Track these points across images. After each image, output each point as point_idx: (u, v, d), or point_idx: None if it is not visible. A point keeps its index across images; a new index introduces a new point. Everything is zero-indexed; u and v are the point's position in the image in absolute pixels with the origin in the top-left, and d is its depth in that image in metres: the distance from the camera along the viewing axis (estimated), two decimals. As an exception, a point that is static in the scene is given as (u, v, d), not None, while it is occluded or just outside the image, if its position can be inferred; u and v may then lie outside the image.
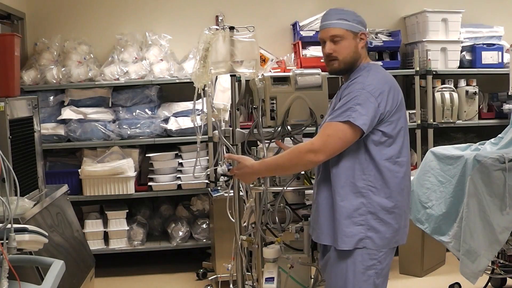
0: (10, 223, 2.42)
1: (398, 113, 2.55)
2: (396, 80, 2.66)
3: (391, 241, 2.57)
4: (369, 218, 2.52)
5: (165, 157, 5.05)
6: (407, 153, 2.61)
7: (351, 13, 2.66)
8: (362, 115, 2.44)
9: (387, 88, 2.52)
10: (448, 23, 5.27)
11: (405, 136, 2.61)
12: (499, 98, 5.46)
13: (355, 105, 2.46)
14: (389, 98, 2.51)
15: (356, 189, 2.52)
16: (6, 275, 2.42)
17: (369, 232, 2.52)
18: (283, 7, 5.50)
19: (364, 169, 2.52)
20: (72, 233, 3.90)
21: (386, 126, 2.52)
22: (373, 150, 2.52)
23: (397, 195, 2.56)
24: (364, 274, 2.53)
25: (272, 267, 2.94)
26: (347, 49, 2.62)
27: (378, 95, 2.48)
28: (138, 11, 5.40)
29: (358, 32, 2.63)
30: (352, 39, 2.63)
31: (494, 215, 3.67)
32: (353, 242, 2.52)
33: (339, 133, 2.47)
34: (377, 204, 2.52)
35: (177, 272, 5.05)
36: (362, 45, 2.65)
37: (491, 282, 4.29)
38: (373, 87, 2.49)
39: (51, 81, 4.92)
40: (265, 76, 3.15)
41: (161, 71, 5.01)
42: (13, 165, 3.05)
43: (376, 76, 2.56)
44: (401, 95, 2.60)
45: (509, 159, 3.65)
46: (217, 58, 3.07)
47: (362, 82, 2.52)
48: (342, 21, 2.63)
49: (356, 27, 2.63)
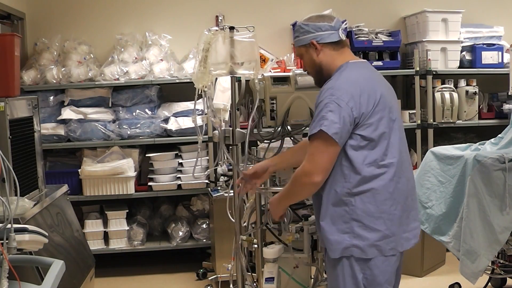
0: (10, 223, 2.42)
1: (378, 114, 2.43)
2: (396, 80, 2.64)
3: (384, 248, 2.44)
4: (354, 225, 2.42)
5: (165, 157, 5.05)
6: (396, 153, 2.47)
7: (300, 26, 2.62)
8: (334, 123, 2.36)
9: (357, 90, 2.41)
10: (448, 23, 5.27)
11: (392, 136, 2.47)
12: (499, 98, 5.46)
13: (327, 112, 2.38)
14: (362, 100, 2.40)
15: (338, 196, 2.44)
16: (6, 275, 2.42)
17: (355, 240, 2.42)
18: (283, 7, 5.50)
19: (345, 176, 2.43)
20: (72, 233, 3.90)
21: (364, 130, 2.42)
22: (353, 155, 2.42)
23: (384, 199, 2.44)
24: (353, 282, 2.45)
25: (272, 267, 2.94)
26: (307, 63, 2.64)
27: (349, 99, 2.39)
28: (138, 11, 5.40)
29: (308, 43, 2.58)
30: (307, 53, 2.60)
31: (494, 215, 3.67)
32: (339, 251, 2.44)
33: (320, 147, 2.40)
34: (360, 210, 2.42)
35: (177, 272, 5.05)
36: (319, 52, 2.57)
37: (491, 282, 4.29)
38: (341, 92, 2.40)
39: (51, 81, 4.92)
40: (265, 76, 3.15)
41: (161, 71, 5.01)
42: (13, 165, 3.05)
43: (347, 78, 2.47)
44: (380, 94, 2.47)
45: (509, 159, 3.65)
46: (217, 60, 3.07)
47: (331, 87, 2.43)
48: (295, 39, 2.63)
49: (304, 39, 2.58)
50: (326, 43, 2.57)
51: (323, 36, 2.57)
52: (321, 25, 2.58)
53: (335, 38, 2.58)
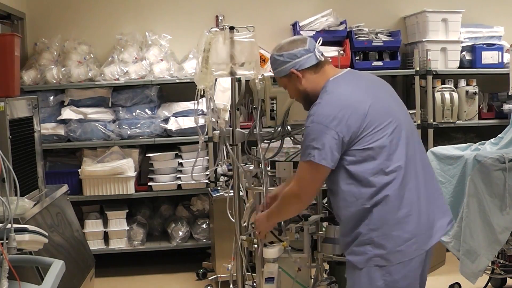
0: (10, 223, 2.42)
1: (371, 126, 2.36)
2: (396, 80, 2.62)
3: (407, 251, 2.38)
4: (373, 236, 2.38)
5: (165, 157, 5.05)
6: (402, 155, 2.40)
7: (274, 58, 2.57)
8: (321, 151, 2.33)
9: (339, 111, 2.35)
10: (448, 23, 5.27)
11: (394, 139, 2.40)
12: (499, 98, 5.46)
13: (311, 141, 2.36)
14: (349, 119, 2.34)
15: (356, 215, 2.41)
16: (6, 275, 2.42)
17: (377, 250, 2.38)
18: (283, 7, 5.50)
19: (355, 194, 2.39)
20: (72, 233, 3.90)
21: (360, 144, 2.36)
22: (357, 171, 2.37)
23: (399, 204, 2.38)
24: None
25: (272, 267, 2.94)
26: (293, 92, 2.62)
27: (331, 122, 2.34)
28: (138, 11, 5.40)
29: (288, 73, 2.54)
30: (290, 82, 2.58)
31: (494, 215, 3.67)
32: (363, 262, 2.41)
33: (308, 174, 2.40)
34: (377, 221, 2.37)
35: (177, 272, 5.05)
36: (301, 79, 2.52)
37: (491, 282, 4.29)
38: (323, 117, 2.36)
39: (51, 81, 4.92)
40: (265, 76, 3.15)
41: (161, 71, 5.01)
42: (13, 165, 3.05)
43: (328, 100, 2.41)
44: (370, 103, 2.39)
45: (509, 159, 3.65)
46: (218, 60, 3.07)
47: (314, 113, 2.39)
48: (274, 71, 2.60)
49: (283, 70, 2.55)
50: (306, 69, 2.53)
51: (301, 63, 2.52)
52: (295, 52, 2.52)
53: (313, 61, 2.53)
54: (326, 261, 3.16)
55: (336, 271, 3.20)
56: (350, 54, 5.19)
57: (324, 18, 5.22)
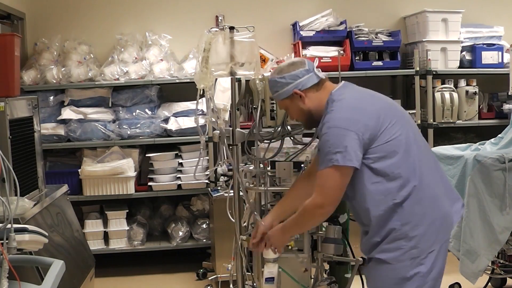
0: (10, 223, 2.42)
1: (387, 122, 2.43)
2: (396, 80, 2.64)
3: (436, 240, 2.44)
4: (407, 229, 2.40)
5: (165, 157, 5.05)
6: (416, 146, 2.47)
7: (275, 81, 2.58)
8: (344, 153, 2.35)
9: (354, 113, 2.42)
10: (448, 23, 5.27)
11: (408, 132, 2.47)
12: (499, 98, 5.46)
13: (331, 146, 2.37)
14: (365, 118, 2.40)
15: (383, 211, 2.42)
16: (6, 275, 2.42)
17: (411, 242, 2.41)
18: (283, 7, 5.51)
19: (383, 192, 2.40)
20: (72, 233, 3.90)
21: (382, 139, 2.41)
22: (382, 167, 2.41)
23: (425, 194, 2.43)
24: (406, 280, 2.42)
25: (272, 267, 2.93)
26: (296, 113, 2.62)
27: (349, 124, 2.38)
28: (138, 11, 5.40)
29: (291, 94, 2.55)
30: (292, 103, 2.58)
31: (494, 215, 3.68)
32: (397, 256, 2.42)
33: (332, 180, 2.40)
34: (408, 213, 2.41)
35: (177, 272, 5.05)
36: (304, 99, 2.54)
37: (491, 282, 4.29)
38: (339, 121, 2.40)
39: (51, 81, 4.92)
40: (265, 76, 3.15)
41: (161, 71, 5.01)
42: (13, 165, 3.05)
43: (340, 106, 2.45)
44: (378, 105, 2.49)
45: (509, 159, 3.65)
46: (217, 60, 3.07)
47: (328, 119, 2.43)
48: (275, 93, 2.61)
49: (285, 92, 2.56)
50: (308, 88, 2.55)
51: (303, 83, 2.55)
52: (297, 73, 2.55)
53: (315, 80, 2.56)
54: (326, 261, 3.16)
55: (336, 271, 3.21)
56: (350, 54, 5.19)
57: (324, 18, 5.22)
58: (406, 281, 2.41)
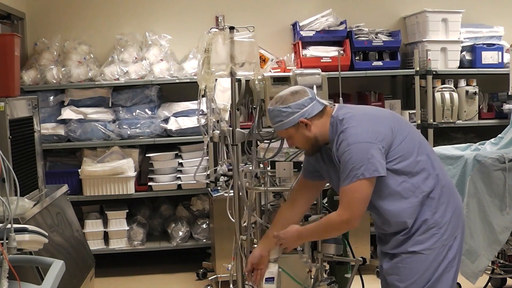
0: (10, 223, 2.42)
1: (396, 126, 2.50)
2: (396, 80, 2.66)
3: (458, 224, 2.54)
4: (437, 217, 2.48)
5: (165, 157, 5.05)
6: (423, 142, 2.59)
7: (280, 111, 2.55)
8: (369, 165, 2.39)
9: (369, 125, 2.46)
10: (448, 23, 5.27)
11: (414, 133, 2.58)
12: (499, 98, 5.46)
13: (356, 162, 2.39)
14: (381, 128, 2.46)
15: (414, 204, 2.48)
16: (6, 275, 2.42)
17: (442, 229, 2.49)
18: (283, 7, 5.50)
19: (410, 189, 2.48)
20: (72, 233, 3.90)
21: (397, 141, 2.48)
22: (405, 165, 2.47)
23: (444, 181, 2.55)
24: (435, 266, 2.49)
25: (272, 267, 2.93)
26: (300, 141, 2.61)
27: (369, 137, 2.42)
28: (138, 11, 5.40)
29: (296, 123, 2.54)
30: (297, 132, 2.57)
31: (494, 215, 3.68)
32: (430, 245, 2.48)
33: (358, 194, 2.42)
34: (436, 202, 2.50)
35: (177, 272, 5.05)
36: (310, 127, 2.54)
37: (491, 282, 4.29)
38: (360, 135, 2.42)
39: (51, 81, 4.92)
40: (265, 76, 3.14)
41: (161, 71, 5.01)
42: (13, 165, 3.05)
43: (354, 122, 2.47)
44: (384, 113, 2.60)
45: (509, 159, 3.65)
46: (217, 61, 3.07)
47: (347, 137, 2.44)
48: (278, 123, 2.58)
49: (291, 121, 2.54)
50: (313, 116, 2.55)
51: (309, 111, 2.54)
52: (302, 102, 2.54)
53: (319, 107, 2.56)
54: (326, 261, 3.16)
55: (336, 271, 3.20)
56: (350, 54, 5.19)
57: (324, 18, 5.22)
58: (437, 268, 2.48)
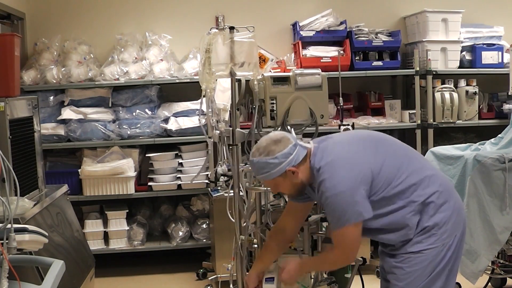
0: (10, 223, 2.42)
1: (373, 154, 2.51)
2: (396, 80, 2.65)
3: (459, 222, 2.54)
4: (437, 219, 2.50)
5: (165, 157, 5.05)
6: (400, 149, 2.61)
7: (266, 163, 2.52)
8: (355, 209, 2.41)
9: (349, 169, 2.44)
10: (448, 23, 5.27)
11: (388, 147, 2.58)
12: (499, 98, 5.46)
13: (342, 210, 2.42)
14: (360, 168, 2.45)
15: (414, 210, 2.50)
16: (6, 275, 2.42)
17: (442, 228, 2.50)
18: (283, 7, 5.50)
19: (405, 200, 2.50)
20: (72, 233, 3.90)
21: (380, 167, 2.49)
22: (396, 186, 2.49)
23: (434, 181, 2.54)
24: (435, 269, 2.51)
25: (272, 267, 2.93)
26: (287, 188, 2.61)
27: (351, 182, 2.41)
28: (138, 11, 5.40)
29: (284, 172, 2.52)
30: (284, 180, 2.56)
31: (494, 215, 3.68)
32: (431, 242, 2.50)
33: (349, 237, 2.47)
34: (432, 204, 2.51)
35: (177, 272, 5.05)
36: (297, 174, 2.53)
37: (491, 282, 4.29)
38: (340, 185, 2.42)
39: (51, 81, 4.92)
40: (265, 76, 3.15)
41: (161, 71, 5.01)
42: (13, 165, 3.05)
43: (331, 171, 2.45)
44: (360, 146, 2.55)
45: (509, 159, 3.65)
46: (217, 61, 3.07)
47: (328, 188, 2.43)
48: (263, 174, 2.56)
49: (278, 171, 2.52)
50: (299, 162, 2.54)
51: (295, 158, 2.53)
52: (288, 151, 2.52)
53: (303, 152, 2.55)
54: (326, 261, 3.16)
55: (336, 271, 3.20)
56: (350, 54, 5.19)
57: (324, 18, 5.22)
58: (436, 267, 2.49)
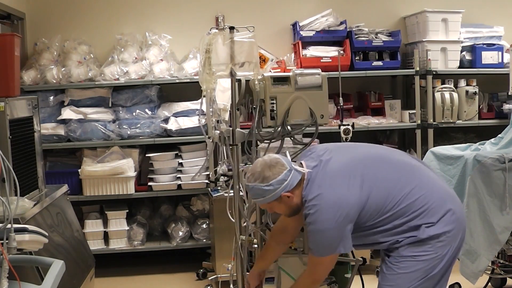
0: (10, 223, 2.42)
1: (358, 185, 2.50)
2: (396, 80, 2.65)
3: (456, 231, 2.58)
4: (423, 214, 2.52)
5: (165, 157, 5.05)
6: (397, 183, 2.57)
7: (261, 189, 2.54)
8: (330, 247, 2.47)
9: (336, 208, 2.44)
10: (448, 23, 5.27)
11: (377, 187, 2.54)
12: (499, 98, 5.46)
13: (325, 245, 2.48)
14: (348, 206, 2.46)
15: (401, 211, 2.52)
16: (6, 275, 2.42)
17: (431, 229, 2.54)
18: (283, 7, 5.50)
19: (385, 206, 2.52)
20: (72, 233, 3.90)
21: (366, 191, 2.50)
22: (377, 203, 2.51)
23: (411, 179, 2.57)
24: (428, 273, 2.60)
25: (272, 267, 2.94)
26: (282, 209, 2.63)
27: (337, 221, 2.43)
28: (138, 11, 5.40)
29: (279, 197, 2.54)
30: (279, 204, 2.58)
31: (494, 215, 3.68)
32: (423, 237, 2.53)
33: (321, 266, 2.57)
34: (416, 200, 2.53)
35: (177, 272, 5.05)
36: (292, 198, 2.54)
37: (491, 282, 4.29)
38: (325, 223, 2.44)
39: (51, 81, 4.92)
40: (265, 76, 3.15)
41: (161, 71, 5.01)
42: (13, 165, 3.05)
43: (320, 208, 2.46)
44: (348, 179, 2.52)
45: (509, 159, 3.65)
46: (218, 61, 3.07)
47: (315, 222, 2.46)
48: (259, 199, 2.59)
49: (274, 196, 2.54)
50: (294, 186, 2.55)
51: (290, 183, 2.54)
52: (283, 176, 2.53)
53: (298, 176, 2.56)
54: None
55: (336, 271, 3.21)
56: (350, 54, 5.19)
57: (324, 18, 5.22)
58: (429, 273, 2.61)
